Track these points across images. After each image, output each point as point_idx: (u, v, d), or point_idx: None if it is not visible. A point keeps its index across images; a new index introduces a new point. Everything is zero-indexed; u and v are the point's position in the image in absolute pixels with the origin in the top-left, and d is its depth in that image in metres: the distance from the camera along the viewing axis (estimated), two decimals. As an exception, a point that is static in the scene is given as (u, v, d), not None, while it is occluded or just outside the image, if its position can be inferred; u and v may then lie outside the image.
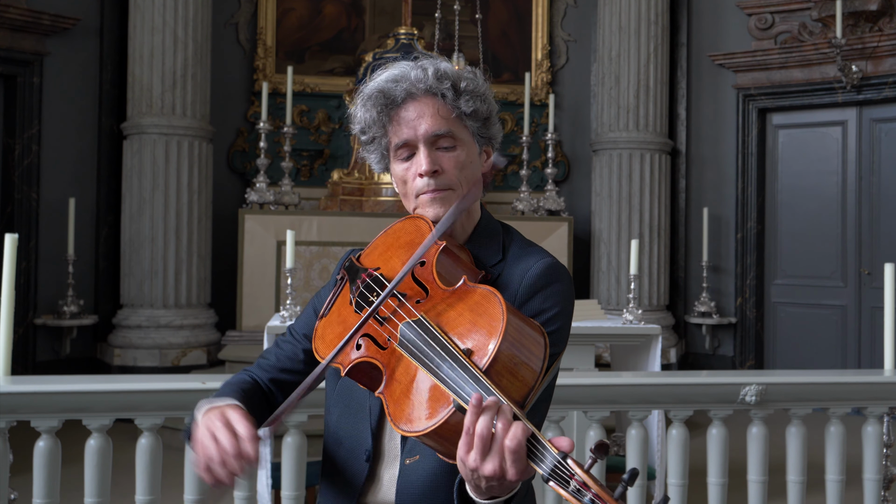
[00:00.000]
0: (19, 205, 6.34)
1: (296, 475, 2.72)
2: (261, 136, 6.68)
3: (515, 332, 1.20)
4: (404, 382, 1.24)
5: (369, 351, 1.32)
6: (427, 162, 1.43)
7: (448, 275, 1.36)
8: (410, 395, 1.22)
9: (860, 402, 3.04)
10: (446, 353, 1.20)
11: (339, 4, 7.58)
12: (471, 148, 1.48)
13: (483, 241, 1.50)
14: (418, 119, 1.43)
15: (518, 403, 1.18)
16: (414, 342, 1.25)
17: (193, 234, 6.34)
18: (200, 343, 6.35)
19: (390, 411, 1.23)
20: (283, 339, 1.59)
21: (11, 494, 2.78)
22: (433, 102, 1.43)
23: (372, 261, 1.48)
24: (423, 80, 1.43)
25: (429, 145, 1.44)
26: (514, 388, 1.18)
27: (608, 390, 2.88)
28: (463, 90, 1.44)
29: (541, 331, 1.25)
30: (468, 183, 1.46)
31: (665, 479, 3.22)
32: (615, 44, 7.12)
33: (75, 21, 6.53)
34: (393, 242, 1.48)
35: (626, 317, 4.21)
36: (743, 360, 7.31)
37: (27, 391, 2.53)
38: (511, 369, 1.19)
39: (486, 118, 1.49)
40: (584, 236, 7.49)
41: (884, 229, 6.80)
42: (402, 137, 1.44)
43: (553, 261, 1.45)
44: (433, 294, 1.33)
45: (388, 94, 1.44)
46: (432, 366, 1.20)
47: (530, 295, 1.41)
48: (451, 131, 1.44)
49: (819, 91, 6.99)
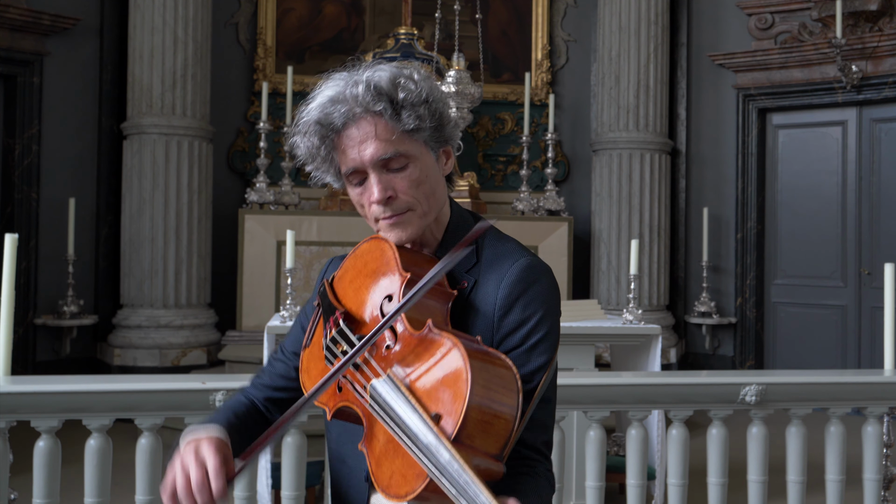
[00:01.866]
0: (19, 205, 6.34)
1: (296, 475, 2.72)
2: (261, 136, 6.69)
3: (482, 389, 1.15)
4: (382, 441, 1.22)
5: (348, 396, 1.30)
6: (378, 190, 1.35)
7: (418, 313, 1.29)
8: (388, 458, 1.20)
9: (860, 402, 3.04)
10: (416, 420, 1.16)
11: (339, 4, 7.58)
12: (425, 159, 1.39)
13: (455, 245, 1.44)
14: (361, 145, 1.34)
15: (496, 457, 1.16)
16: (382, 404, 1.21)
17: (193, 234, 6.34)
18: (200, 343, 6.35)
19: (373, 471, 1.22)
20: (275, 357, 1.56)
21: (11, 494, 2.78)
22: (374, 123, 1.34)
23: (343, 288, 1.43)
24: (360, 100, 1.33)
25: (378, 170, 1.35)
26: (490, 443, 1.16)
27: (608, 390, 2.88)
28: (401, 103, 1.34)
29: (512, 372, 1.21)
30: (427, 198, 1.39)
31: (665, 479, 3.22)
32: (615, 44, 7.12)
33: (75, 21, 6.53)
34: (362, 269, 1.42)
35: (626, 317, 4.21)
36: (743, 360, 7.31)
37: (27, 391, 2.53)
38: (483, 427, 1.15)
39: (436, 124, 1.38)
40: (584, 236, 7.49)
41: (884, 229, 6.80)
42: (350, 165, 1.37)
43: (528, 261, 1.39)
44: (402, 338, 1.27)
45: (327, 122, 1.35)
46: (402, 433, 1.17)
47: (509, 306, 1.35)
48: (398, 152, 1.34)
49: (819, 91, 6.99)
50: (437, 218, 1.45)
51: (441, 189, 1.43)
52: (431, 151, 1.41)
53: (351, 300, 1.41)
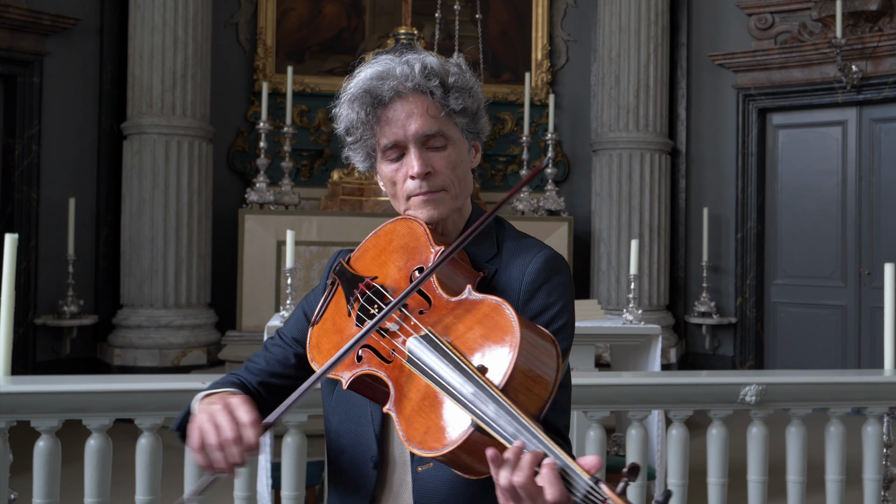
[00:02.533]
0: (19, 205, 6.34)
1: (296, 475, 2.72)
2: (261, 136, 6.68)
3: (529, 346, 1.16)
4: (415, 400, 1.20)
5: (372, 363, 1.27)
6: (419, 164, 1.38)
7: (450, 282, 1.30)
8: (423, 414, 1.18)
9: (860, 402, 3.04)
10: (460, 371, 1.15)
11: (339, 4, 7.58)
12: (461, 145, 1.43)
13: (477, 237, 1.43)
14: (407, 119, 1.38)
15: (534, 417, 1.15)
16: (423, 359, 1.20)
17: (193, 234, 6.34)
18: (200, 343, 6.35)
19: (402, 429, 1.19)
20: (273, 342, 1.53)
21: (11, 494, 2.78)
22: (422, 101, 1.38)
23: (364, 265, 1.42)
24: (411, 77, 1.37)
25: (419, 146, 1.39)
26: (531, 402, 1.15)
27: (608, 390, 2.88)
28: (451, 86, 1.39)
29: (552, 341, 1.21)
30: (460, 182, 1.42)
31: (665, 479, 3.22)
32: (615, 44, 7.12)
33: (75, 21, 6.53)
34: (386, 246, 1.42)
35: (626, 317, 4.21)
36: (743, 360, 7.31)
37: (27, 391, 2.53)
38: (526, 384, 1.15)
39: (475, 113, 1.45)
40: (584, 236, 7.49)
41: (884, 229, 6.80)
42: (391, 139, 1.39)
43: (551, 252, 1.42)
44: (437, 304, 1.28)
45: (375, 94, 1.38)
46: (445, 384, 1.15)
47: (534, 291, 1.37)
48: (441, 130, 1.39)
49: (819, 91, 7.00)
50: (461, 209, 1.47)
51: (469, 179, 1.45)
52: (466, 141, 1.45)
53: (376, 273, 1.39)
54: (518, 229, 1.51)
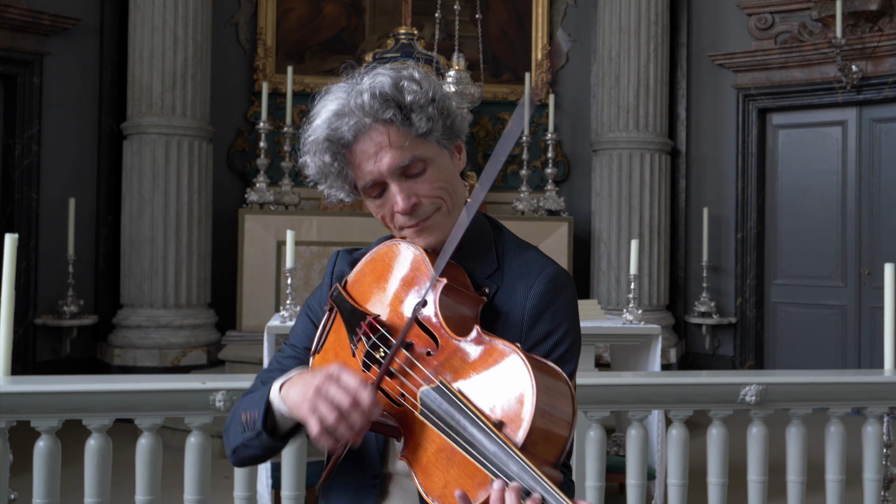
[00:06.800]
0: (19, 205, 6.34)
1: (296, 475, 2.72)
2: (261, 136, 6.68)
3: (545, 395, 1.12)
4: (430, 451, 1.17)
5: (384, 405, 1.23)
6: (402, 200, 1.32)
7: (454, 316, 1.26)
8: (440, 468, 1.15)
9: (860, 402, 3.04)
10: (476, 428, 1.11)
11: (339, 4, 7.58)
12: (440, 159, 1.36)
13: (475, 251, 1.40)
14: (377, 155, 1.31)
15: (553, 464, 1.13)
16: (438, 413, 1.16)
17: (193, 234, 6.34)
18: (200, 343, 6.35)
19: (419, 481, 1.17)
20: (284, 355, 1.48)
21: (11, 494, 2.78)
22: (384, 132, 1.30)
23: (361, 293, 1.37)
24: (364, 107, 1.29)
25: (398, 178, 1.32)
26: (550, 452, 1.13)
27: (608, 390, 2.88)
28: (409, 106, 1.30)
29: (566, 381, 1.18)
30: (450, 195, 1.37)
31: (665, 479, 3.22)
32: (615, 44, 7.12)
33: (75, 21, 6.53)
34: (383, 273, 1.36)
35: (626, 317, 4.21)
36: (743, 360, 7.31)
37: (27, 391, 2.53)
38: (545, 435, 1.12)
39: (446, 118, 1.35)
40: (584, 236, 7.49)
41: (884, 229, 6.80)
42: (367, 178, 1.33)
43: (554, 271, 1.37)
44: (444, 344, 1.23)
45: (336, 138, 1.32)
46: (463, 442, 1.12)
47: (538, 316, 1.34)
48: (415, 157, 1.31)
49: (819, 91, 6.99)
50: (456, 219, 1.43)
51: (460, 186, 1.40)
52: (445, 150, 1.38)
53: (375, 306, 1.35)
54: (517, 236, 1.46)
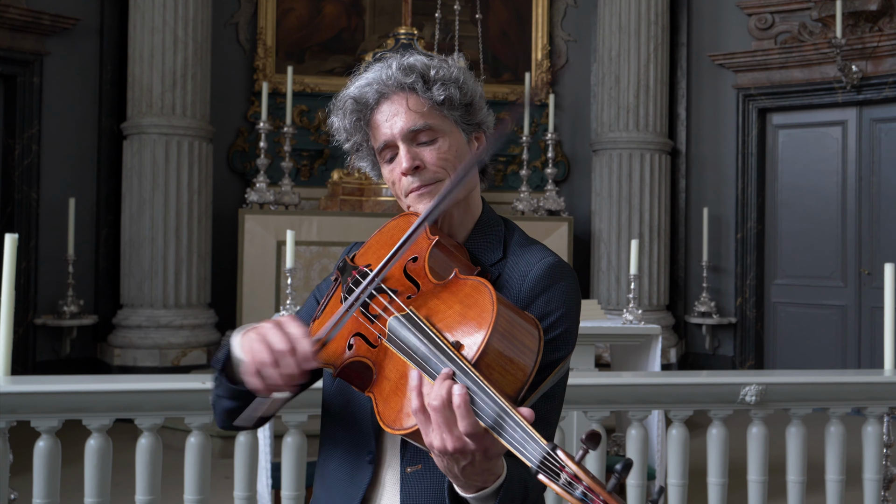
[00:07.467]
0: (19, 205, 6.34)
1: (296, 475, 2.72)
2: (261, 136, 6.68)
3: (506, 324, 1.16)
4: (393, 379, 1.21)
5: (360, 350, 1.28)
6: (407, 159, 1.39)
7: (440, 269, 1.31)
8: (399, 393, 1.18)
9: (860, 402, 3.04)
10: (434, 347, 1.15)
11: (339, 4, 7.58)
12: (455, 137, 1.43)
13: (483, 239, 1.45)
14: (392, 118, 1.40)
15: (511, 398, 1.14)
16: (402, 336, 1.20)
17: (193, 234, 6.34)
18: (200, 343, 6.35)
19: (379, 409, 1.20)
20: None
21: (11, 494, 2.78)
22: (404, 98, 1.40)
23: (366, 260, 1.44)
24: (390, 76, 1.40)
25: (408, 142, 1.40)
26: (506, 381, 1.14)
27: (608, 390, 2.88)
28: (433, 79, 1.40)
29: (535, 323, 1.21)
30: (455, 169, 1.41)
31: (665, 479, 3.22)
32: (615, 44, 7.12)
33: (75, 21, 6.53)
34: (386, 241, 1.43)
35: (626, 317, 4.21)
36: (743, 360, 7.31)
37: (27, 391, 2.53)
38: (502, 363, 1.14)
39: (468, 104, 1.44)
40: (584, 236, 7.49)
41: (884, 229, 6.80)
42: (381, 140, 1.42)
43: (555, 260, 1.40)
44: (424, 289, 1.29)
45: (360, 99, 1.42)
46: (420, 360, 1.16)
47: (533, 298, 1.36)
48: (427, 125, 1.40)
49: (819, 91, 7.00)
50: (469, 209, 1.47)
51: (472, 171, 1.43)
52: (462, 132, 1.45)
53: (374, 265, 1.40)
54: (528, 235, 1.50)
